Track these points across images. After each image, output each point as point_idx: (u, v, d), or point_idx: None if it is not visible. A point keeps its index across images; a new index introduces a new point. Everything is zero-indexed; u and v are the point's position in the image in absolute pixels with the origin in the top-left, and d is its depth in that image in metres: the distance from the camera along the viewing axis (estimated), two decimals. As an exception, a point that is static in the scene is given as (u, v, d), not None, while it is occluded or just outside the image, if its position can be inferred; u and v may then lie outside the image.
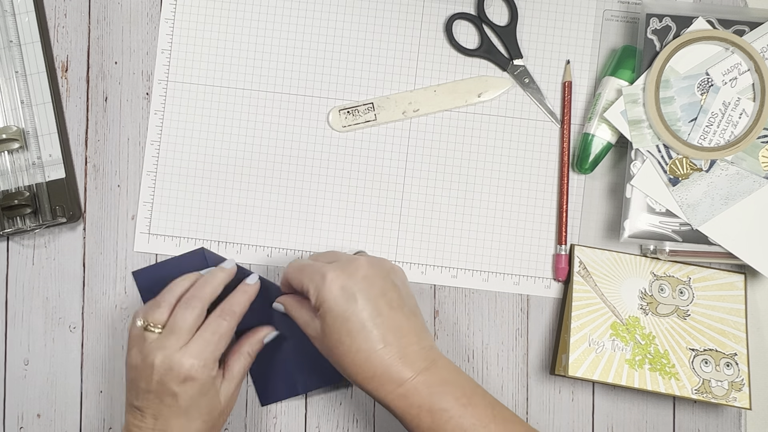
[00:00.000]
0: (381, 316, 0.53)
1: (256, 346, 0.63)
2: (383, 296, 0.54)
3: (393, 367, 0.52)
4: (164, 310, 0.58)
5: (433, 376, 0.53)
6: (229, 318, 0.58)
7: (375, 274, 0.55)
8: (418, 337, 0.54)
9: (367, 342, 0.52)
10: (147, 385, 0.56)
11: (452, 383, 0.53)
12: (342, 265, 0.55)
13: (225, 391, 0.59)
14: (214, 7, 0.68)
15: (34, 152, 0.67)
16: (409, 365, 0.52)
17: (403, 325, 0.54)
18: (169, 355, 0.55)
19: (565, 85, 0.67)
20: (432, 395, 0.52)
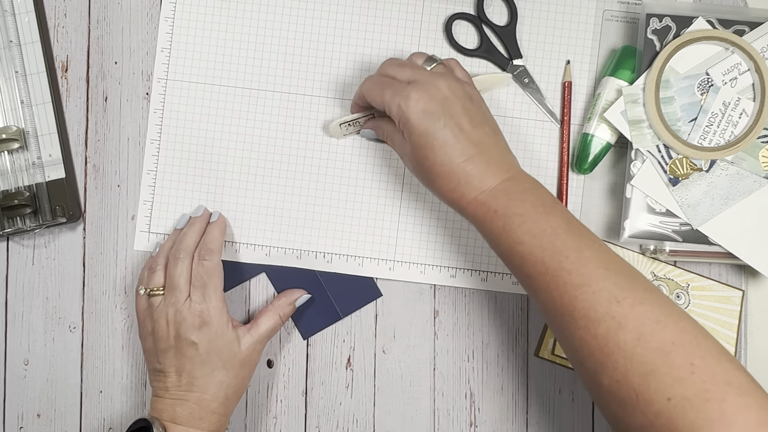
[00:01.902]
0: (463, 131, 0.54)
1: (287, 309, 0.65)
2: (465, 114, 0.55)
3: (475, 176, 0.53)
4: (160, 273, 0.63)
5: (515, 185, 0.53)
6: (209, 256, 0.62)
7: (455, 95, 0.55)
8: (501, 152, 0.55)
9: (450, 156, 0.53)
10: (166, 343, 0.60)
11: (532, 193, 0.53)
12: (423, 86, 0.55)
13: (246, 341, 0.62)
14: (214, 6, 0.68)
15: (34, 152, 0.67)
16: (491, 175, 0.53)
17: (484, 141, 0.55)
18: (178, 308, 0.60)
19: (565, 85, 0.66)
20: (510, 201, 0.52)
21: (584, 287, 0.48)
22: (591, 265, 0.49)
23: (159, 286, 0.62)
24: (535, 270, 0.51)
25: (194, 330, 0.60)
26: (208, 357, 0.60)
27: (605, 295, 0.47)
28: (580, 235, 0.51)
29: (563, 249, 0.50)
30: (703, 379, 0.44)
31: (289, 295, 0.66)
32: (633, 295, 0.47)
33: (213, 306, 0.61)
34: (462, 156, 0.53)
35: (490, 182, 0.53)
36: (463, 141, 0.54)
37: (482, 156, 0.54)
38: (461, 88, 0.56)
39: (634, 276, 0.49)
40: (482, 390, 0.67)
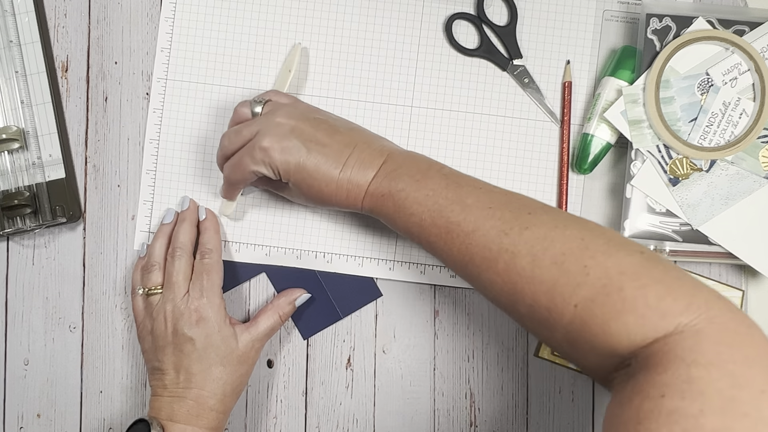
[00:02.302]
0: (325, 146, 0.56)
1: (287, 308, 0.66)
2: (316, 130, 0.56)
3: (355, 177, 0.55)
4: (158, 272, 0.63)
5: (390, 166, 0.55)
6: (209, 255, 0.64)
7: (297, 119, 0.57)
8: (367, 143, 0.57)
9: (328, 173, 0.55)
10: (164, 340, 0.61)
11: (407, 165, 0.55)
12: (267, 132, 0.56)
13: (244, 339, 0.63)
14: (214, 6, 0.68)
15: (34, 152, 0.67)
16: (368, 167, 0.55)
17: (347, 141, 0.56)
18: (176, 304, 0.61)
19: (565, 85, 0.66)
20: (390, 181, 0.54)
21: (475, 232, 0.50)
22: (475, 210, 0.51)
23: (157, 285, 0.63)
24: (431, 234, 0.53)
25: (192, 326, 0.60)
26: (205, 353, 0.60)
27: (494, 232, 0.50)
28: (459, 185, 0.53)
29: (447, 204, 0.52)
30: (598, 276, 0.45)
31: (288, 295, 0.66)
32: (518, 223, 0.49)
33: (211, 302, 0.61)
34: (338, 167, 0.55)
35: (371, 173, 0.55)
36: (330, 155, 0.55)
37: (353, 156, 0.56)
38: (296, 110, 0.58)
39: (519, 204, 0.51)
40: (482, 390, 0.67)
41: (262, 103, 0.60)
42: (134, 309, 0.64)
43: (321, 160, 0.55)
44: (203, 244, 0.64)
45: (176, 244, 0.64)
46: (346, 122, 0.60)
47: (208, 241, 0.64)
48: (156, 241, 0.65)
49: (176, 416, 0.59)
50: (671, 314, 0.42)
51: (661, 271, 0.45)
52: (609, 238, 0.47)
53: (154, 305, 0.62)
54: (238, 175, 0.58)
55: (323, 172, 0.55)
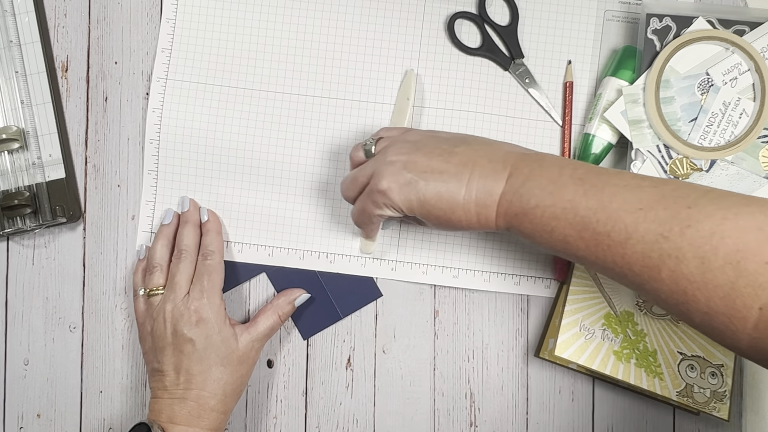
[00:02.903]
0: (443, 173, 0.52)
1: (287, 308, 0.66)
2: (432, 158, 0.53)
3: (482, 197, 0.51)
4: (160, 273, 0.64)
5: (517, 179, 0.51)
6: (212, 256, 0.64)
7: (408, 151, 0.54)
8: (486, 157, 0.53)
9: (451, 200, 0.52)
10: (163, 341, 0.61)
11: (535, 176, 0.50)
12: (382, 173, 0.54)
13: (244, 339, 0.63)
14: (215, 7, 0.68)
15: (34, 152, 0.67)
16: (493, 184, 0.51)
17: (465, 161, 0.52)
18: (176, 305, 0.61)
19: (566, 85, 0.67)
20: (521, 198, 0.50)
21: (628, 241, 0.45)
22: (623, 216, 0.46)
23: (159, 286, 0.63)
24: (579, 247, 0.48)
25: (191, 326, 0.60)
26: (205, 353, 0.60)
27: (651, 237, 0.44)
28: (599, 190, 0.48)
29: (590, 215, 0.47)
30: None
31: (288, 295, 0.66)
32: (677, 222, 0.44)
33: (211, 303, 0.61)
34: (460, 190, 0.52)
35: (498, 189, 0.51)
36: (449, 179, 0.52)
37: (474, 175, 0.52)
38: (406, 142, 0.55)
39: (674, 199, 0.45)
40: (482, 390, 0.67)
41: (374, 142, 0.58)
42: (135, 310, 0.64)
43: (441, 188, 0.52)
44: (206, 245, 0.64)
45: (181, 246, 0.64)
46: (461, 138, 0.56)
47: (211, 242, 0.65)
48: (157, 243, 0.65)
49: (177, 418, 0.59)
50: None
51: None
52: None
53: (154, 306, 0.62)
54: (365, 220, 0.57)
55: (446, 200, 0.52)
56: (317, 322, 0.68)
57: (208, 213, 0.66)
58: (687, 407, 0.62)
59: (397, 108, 0.67)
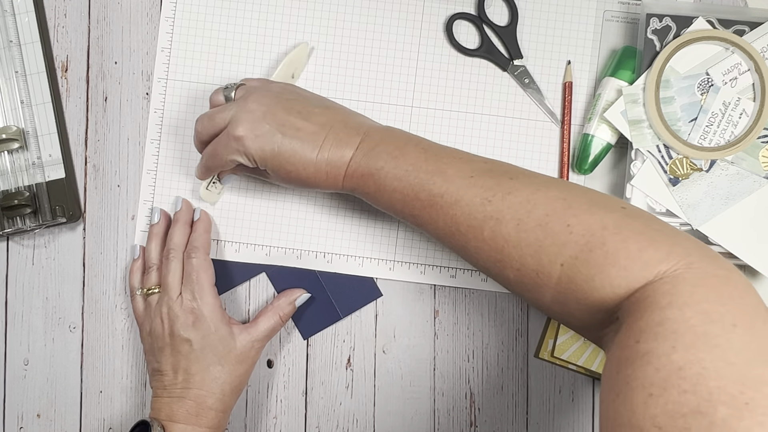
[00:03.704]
0: (300, 129, 0.55)
1: (287, 309, 0.66)
2: (290, 113, 0.55)
3: (333, 158, 0.55)
4: (155, 272, 0.64)
5: (368, 144, 0.55)
6: (195, 253, 0.63)
7: (269, 103, 0.56)
8: (343, 122, 0.56)
9: (304, 157, 0.55)
10: (162, 341, 0.61)
11: (385, 142, 0.55)
12: (239, 117, 0.56)
13: (243, 338, 0.63)
14: (214, 6, 0.68)
15: (34, 152, 0.67)
16: (345, 147, 0.55)
17: (323, 122, 0.56)
18: (171, 306, 0.61)
19: (565, 85, 0.66)
20: (369, 160, 0.54)
21: (458, 203, 0.51)
22: (457, 181, 0.51)
23: (155, 286, 0.64)
24: (414, 208, 0.53)
25: (187, 327, 0.60)
26: (202, 353, 0.60)
27: (478, 200, 0.50)
28: (439, 157, 0.53)
29: (427, 178, 0.52)
30: (581, 233, 0.46)
31: (288, 295, 0.66)
32: (500, 189, 0.49)
33: (205, 302, 0.62)
34: (314, 149, 0.54)
35: (348, 153, 0.55)
36: (306, 137, 0.55)
37: (330, 137, 0.55)
38: (267, 92, 0.57)
39: (501, 171, 0.51)
40: (482, 390, 0.67)
41: (234, 88, 0.59)
42: (134, 311, 0.65)
43: (297, 145, 0.54)
44: (190, 243, 0.64)
45: (170, 245, 0.64)
46: (321, 100, 0.59)
47: (196, 239, 0.64)
48: (150, 243, 0.66)
49: (176, 416, 0.59)
50: (652, 263, 0.43)
51: (641, 224, 0.45)
52: (591, 197, 0.48)
53: (153, 306, 0.63)
54: (215, 162, 0.58)
55: (300, 156, 0.54)
56: (317, 322, 0.68)
57: (200, 212, 0.66)
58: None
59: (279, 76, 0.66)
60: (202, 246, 0.64)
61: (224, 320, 0.62)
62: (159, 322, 0.61)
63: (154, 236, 0.66)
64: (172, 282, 0.62)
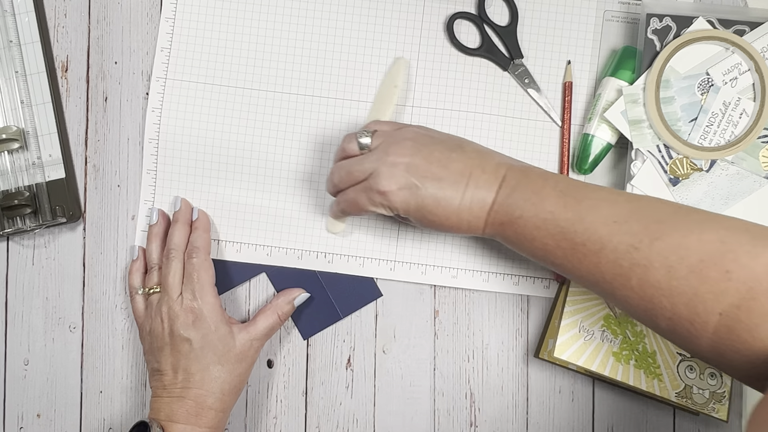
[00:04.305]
0: (441, 180, 0.54)
1: (286, 308, 0.66)
2: (431, 164, 0.54)
3: (474, 207, 0.53)
4: (156, 272, 0.65)
5: (505, 190, 0.53)
6: (195, 253, 0.63)
7: (411, 154, 0.55)
8: (480, 166, 0.54)
9: (447, 207, 0.54)
10: (161, 341, 0.61)
11: (521, 188, 0.53)
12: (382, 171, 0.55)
13: (242, 337, 0.63)
14: (215, 6, 0.68)
15: (34, 152, 0.67)
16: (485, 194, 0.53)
17: (461, 170, 0.54)
18: (171, 305, 0.61)
19: (565, 85, 0.66)
20: (507, 208, 0.53)
21: (602, 251, 0.48)
22: (598, 227, 0.49)
23: (156, 285, 0.64)
24: (557, 256, 0.51)
25: (187, 327, 0.60)
26: (202, 352, 0.60)
27: (623, 248, 0.47)
28: (578, 201, 0.51)
29: (568, 226, 0.50)
30: (742, 280, 0.43)
31: (287, 294, 0.66)
32: (647, 235, 0.47)
33: (205, 302, 0.62)
34: (456, 197, 0.53)
35: (489, 199, 0.53)
36: (447, 188, 0.54)
37: (470, 185, 0.54)
38: (405, 141, 0.56)
39: (645, 213, 0.49)
40: (482, 390, 0.67)
41: (370, 135, 0.58)
42: (134, 311, 0.65)
43: (439, 195, 0.53)
44: (191, 243, 0.64)
45: (170, 245, 0.64)
46: (454, 142, 0.57)
47: (196, 239, 0.64)
48: (151, 244, 0.66)
49: (176, 416, 0.59)
50: None
51: None
52: (753, 235, 0.45)
53: (153, 305, 0.63)
54: (355, 211, 0.58)
55: (443, 208, 0.54)
56: (317, 322, 0.68)
57: (198, 212, 0.66)
58: (686, 408, 0.62)
59: (382, 95, 0.66)
60: (203, 246, 0.64)
61: (224, 319, 0.62)
62: (159, 322, 0.61)
63: (154, 236, 0.66)
64: (172, 282, 0.62)
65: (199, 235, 0.65)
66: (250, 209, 0.68)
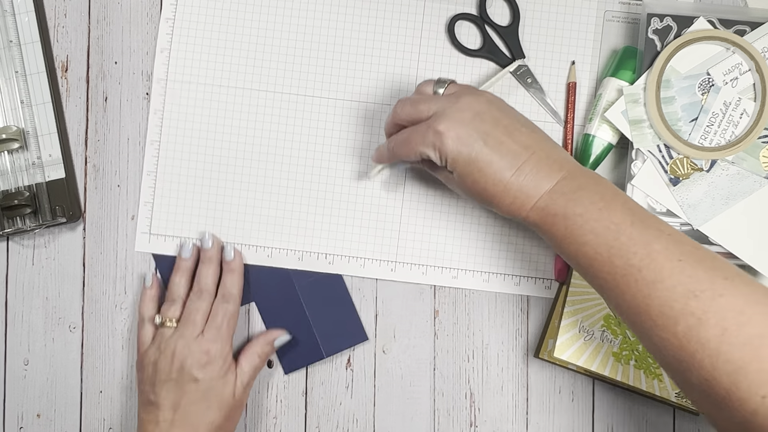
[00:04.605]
0: (503, 144, 0.52)
1: (266, 348, 0.65)
2: (497, 126, 0.52)
3: (529, 185, 0.51)
4: (178, 306, 0.63)
5: (569, 183, 0.51)
6: (232, 300, 0.63)
7: (480, 111, 0.53)
8: (546, 150, 0.52)
9: (499, 173, 0.51)
10: (167, 375, 0.60)
11: (589, 188, 0.50)
12: (446, 115, 0.53)
13: (238, 385, 0.62)
14: (215, 6, 0.68)
15: (34, 152, 0.67)
16: (544, 178, 0.51)
17: (527, 145, 0.52)
18: (187, 343, 0.60)
19: (569, 86, 0.66)
20: (567, 202, 0.50)
21: (657, 284, 0.46)
22: (661, 259, 0.46)
23: (174, 318, 0.63)
24: (603, 270, 0.48)
25: (200, 366, 0.60)
26: (205, 395, 0.60)
27: (681, 290, 0.45)
28: (646, 226, 0.48)
29: (630, 245, 0.47)
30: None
31: (268, 335, 0.65)
32: (712, 287, 0.44)
33: (223, 347, 0.61)
34: (511, 169, 0.51)
35: (546, 185, 0.51)
36: (506, 154, 0.51)
37: (530, 162, 0.51)
38: (483, 99, 0.54)
39: (713, 264, 0.46)
40: (482, 390, 0.67)
41: (447, 83, 0.57)
42: (140, 337, 0.64)
43: (495, 158, 0.51)
44: (226, 286, 0.64)
45: (201, 284, 0.64)
46: (528, 122, 0.55)
47: (232, 285, 0.64)
48: (179, 277, 0.65)
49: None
50: None
51: None
52: None
53: (164, 338, 0.62)
54: (403, 151, 0.56)
55: (494, 170, 0.51)
56: (299, 359, 0.67)
57: (234, 252, 0.66)
58: (686, 408, 0.62)
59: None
60: (239, 293, 0.64)
61: (232, 369, 0.62)
62: (169, 355, 0.60)
63: (182, 270, 0.65)
64: (197, 319, 0.62)
65: (235, 280, 0.65)
66: (250, 210, 0.68)
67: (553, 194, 0.51)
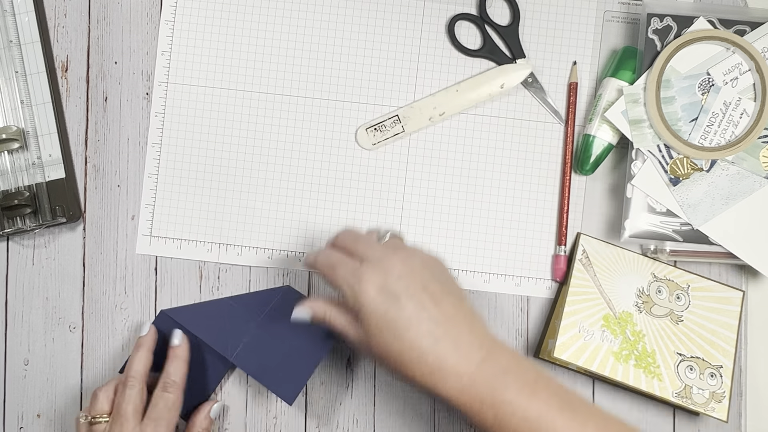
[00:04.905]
0: (426, 310, 0.50)
1: (205, 423, 0.63)
2: (424, 290, 0.51)
3: (448, 361, 0.49)
4: (103, 399, 0.59)
5: (492, 366, 0.49)
6: (173, 389, 0.58)
7: (412, 269, 0.51)
8: (470, 325, 0.51)
9: (416, 340, 0.49)
10: None
11: (513, 371, 0.49)
12: (376, 263, 0.52)
13: None
14: (214, 9, 0.68)
15: (34, 152, 0.67)
16: (464, 357, 0.49)
17: (451, 316, 0.50)
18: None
19: (570, 86, 0.66)
20: (493, 388, 0.48)
21: None
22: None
23: (104, 413, 0.58)
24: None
25: None
26: None
27: None
28: (573, 409, 0.49)
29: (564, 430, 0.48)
30: None
31: (202, 410, 0.63)
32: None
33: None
34: (429, 337, 0.49)
35: (465, 367, 0.49)
36: (427, 321, 0.49)
37: (449, 336, 0.50)
38: (415, 258, 0.53)
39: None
40: (483, 390, 0.67)
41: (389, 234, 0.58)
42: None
43: (414, 322, 0.49)
44: (169, 374, 0.60)
45: (129, 372, 0.59)
46: (458, 292, 0.54)
47: (176, 372, 0.60)
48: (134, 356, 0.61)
49: None
50: None
51: None
52: None
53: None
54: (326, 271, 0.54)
55: (412, 336, 0.49)
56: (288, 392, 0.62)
57: (181, 337, 0.62)
58: (686, 408, 0.62)
59: None
60: (181, 381, 0.60)
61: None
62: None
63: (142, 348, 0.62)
64: (126, 412, 0.56)
65: (178, 367, 0.60)
66: (251, 212, 0.68)
67: (475, 377, 0.49)
